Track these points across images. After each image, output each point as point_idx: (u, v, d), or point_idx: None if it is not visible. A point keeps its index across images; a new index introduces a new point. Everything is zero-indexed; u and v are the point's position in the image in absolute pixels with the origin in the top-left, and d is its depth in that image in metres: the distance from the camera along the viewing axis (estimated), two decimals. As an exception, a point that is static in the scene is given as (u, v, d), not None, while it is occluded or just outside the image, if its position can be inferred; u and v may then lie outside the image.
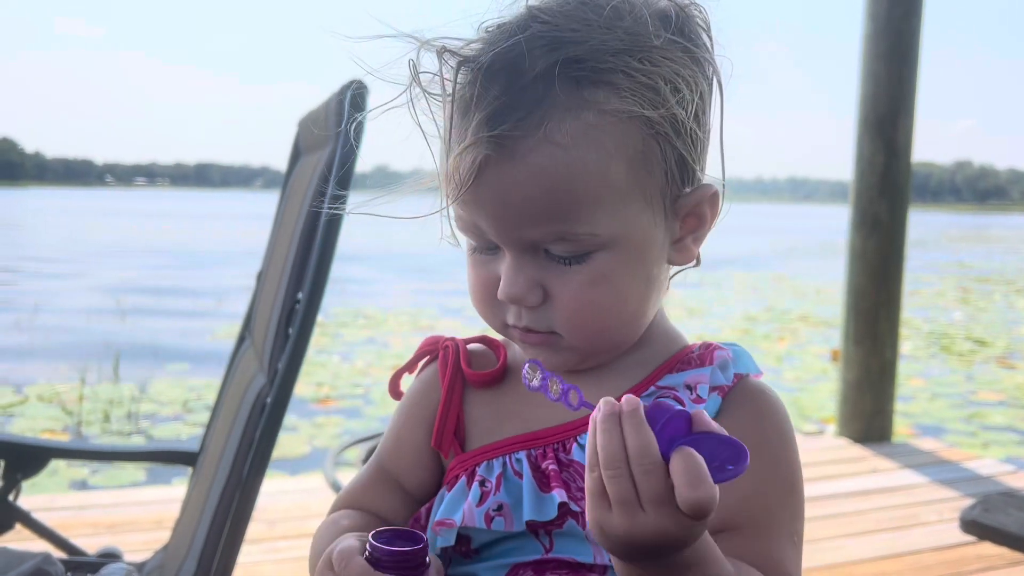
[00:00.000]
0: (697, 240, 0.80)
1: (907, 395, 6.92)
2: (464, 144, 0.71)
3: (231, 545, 1.41)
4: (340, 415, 6.13)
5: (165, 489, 4.16)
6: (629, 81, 0.71)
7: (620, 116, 0.71)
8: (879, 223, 4.60)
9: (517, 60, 0.70)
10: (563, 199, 0.71)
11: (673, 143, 0.74)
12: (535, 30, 0.71)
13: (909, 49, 4.53)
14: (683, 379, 0.80)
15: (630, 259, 0.75)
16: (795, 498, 0.80)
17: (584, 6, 0.73)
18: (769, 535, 0.77)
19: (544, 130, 0.70)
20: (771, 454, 0.78)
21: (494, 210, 0.73)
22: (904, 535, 3.41)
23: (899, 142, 4.55)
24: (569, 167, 0.71)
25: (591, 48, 0.71)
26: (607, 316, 0.76)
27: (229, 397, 1.81)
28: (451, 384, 0.86)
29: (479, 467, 0.81)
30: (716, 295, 14.66)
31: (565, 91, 0.70)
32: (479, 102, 0.71)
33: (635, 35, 0.72)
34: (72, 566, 1.91)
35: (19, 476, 1.98)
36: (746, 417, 0.79)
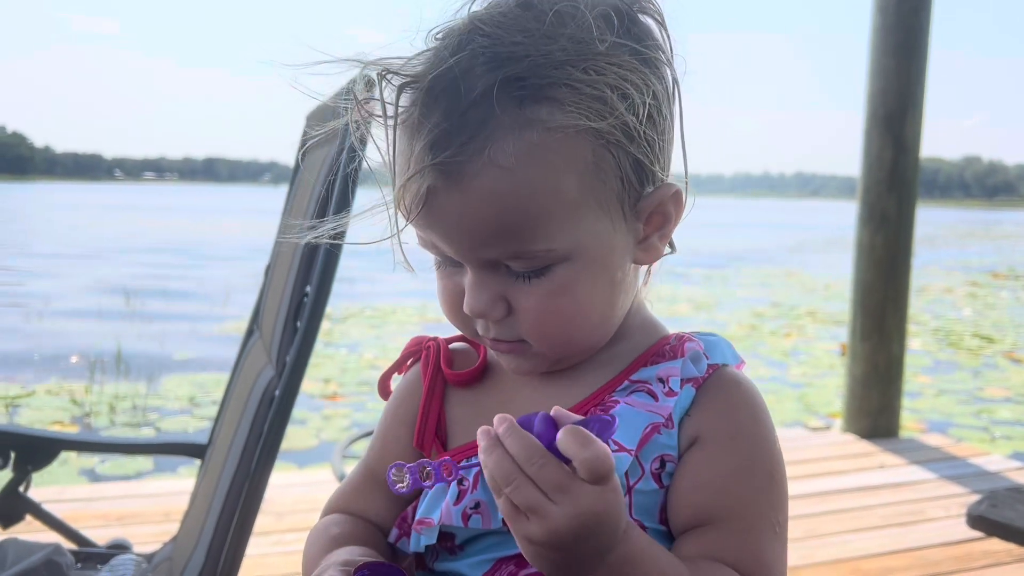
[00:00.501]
0: (663, 237, 0.79)
1: (914, 391, 6.91)
2: (409, 174, 0.70)
3: (240, 537, 1.42)
4: (348, 408, 6.15)
5: (173, 481, 4.18)
6: (573, 94, 0.69)
7: (566, 131, 0.70)
8: (887, 219, 4.59)
9: (458, 81, 0.69)
10: (515, 220, 0.70)
11: (626, 149, 0.72)
12: (476, 45, 0.70)
13: (918, 44, 4.51)
14: (655, 372, 0.79)
15: (590, 268, 0.75)
16: (775, 487, 0.79)
17: (526, 13, 0.71)
18: (747, 526, 0.76)
19: (488, 153, 0.68)
20: (746, 445, 0.78)
21: (447, 234, 0.73)
22: (911, 531, 3.41)
23: (908, 137, 4.54)
24: (517, 189, 0.69)
25: (532, 63, 0.69)
26: (572, 325, 0.76)
27: (238, 390, 1.82)
28: (431, 384, 0.87)
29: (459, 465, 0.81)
30: (723, 290, 14.64)
31: (507, 111, 0.69)
32: (421, 127, 0.69)
33: (578, 42, 0.70)
34: (82, 557, 1.93)
35: (29, 467, 2.00)
36: (719, 409, 0.78)
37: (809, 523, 3.46)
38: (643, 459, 0.76)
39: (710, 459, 0.77)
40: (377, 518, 0.88)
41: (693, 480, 0.76)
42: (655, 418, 0.76)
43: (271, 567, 2.88)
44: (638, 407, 0.77)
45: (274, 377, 1.46)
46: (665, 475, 0.77)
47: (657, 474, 0.77)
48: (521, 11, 0.71)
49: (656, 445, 0.77)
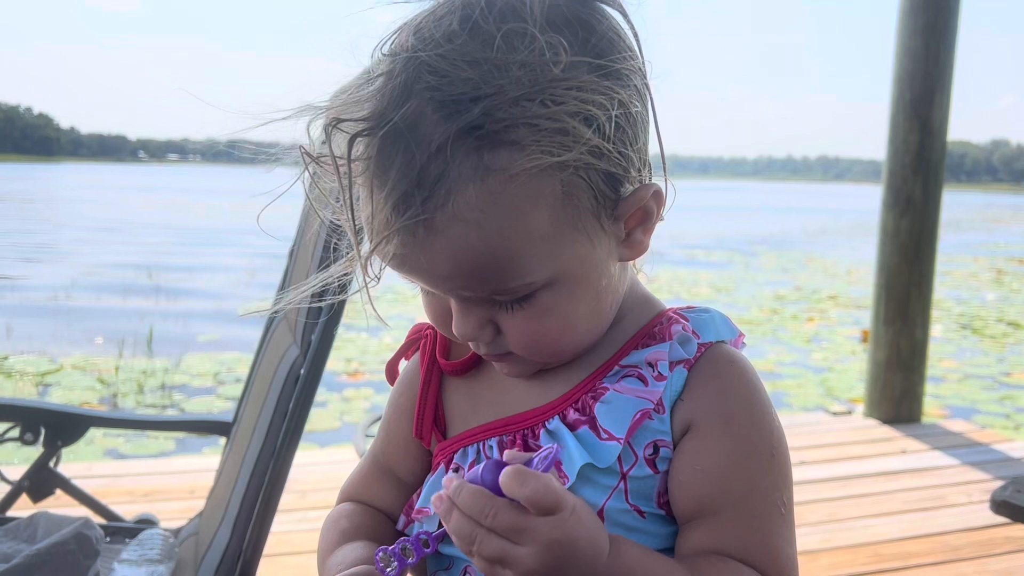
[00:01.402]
0: (647, 231, 0.77)
1: (937, 376, 6.86)
2: (376, 241, 0.68)
3: (265, 513, 1.44)
4: (369, 389, 6.20)
5: (197, 459, 4.25)
6: (533, 132, 0.65)
7: (530, 172, 0.66)
8: (912, 203, 4.54)
9: (411, 133, 0.65)
10: (487, 268, 0.69)
11: (596, 167, 0.69)
12: (425, 86, 0.66)
13: (947, 25, 4.45)
14: (644, 356, 0.78)
15: (573, 287, 0.73)
16: (776, 465, 0.77)
17: (473, 39, 0.66)
18: (751, 510, 0.75)
19: (452, 207, 0.66)
20: (741, 427, 0.76)
21: (422, 280, 0.73)
22: (932, 516, 3.40)
23: (935, 120, 4.48)
24: (485, 239, 0.67)
25: (486, 107, 0.65)
26: (560, 340, 0.76)
27: (263, 369, 1.84)
28: (428, 374, 0.87)
29: (456, 454, 0.82)
30: (745, 274, 14.56)
31: (466, 162, 0.65)
32: (381, 186, 0.67)
33: (532, 70, 0.66)
34: (110, 531, 1.96)
35: (59, 443, 2.03)
36: (711, 392, 0.77)
37: (830, 507, 3.46)
38: (635, 445, 0.76)
39: (707, 446, 0.75)
40: (385, 506, 0.90)
41: (692, 469, 0.75)
42: (644, 404, 0.76)
43: (294, 544, 2.92)
44: (627, 393, 0.76)
45: (299, 357, 1.47)
46: (659, 460, 0.76)
47: (651, 460, 0.76)
48: (467, 36, 0.67)
49: (648, 431, 0.76)
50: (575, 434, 0.76)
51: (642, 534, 0.76)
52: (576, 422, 0.77)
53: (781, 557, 0.75)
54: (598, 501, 0.75)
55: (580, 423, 0.77)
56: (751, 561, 0.74)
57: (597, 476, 0.75)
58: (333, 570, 0.80)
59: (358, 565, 0.78)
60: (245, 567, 1.45)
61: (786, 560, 0.76)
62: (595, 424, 0.76)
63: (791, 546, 0.77)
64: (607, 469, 0.75)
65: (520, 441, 0.79)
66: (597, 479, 0.76)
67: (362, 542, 0.84)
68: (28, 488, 2.04)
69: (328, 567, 0.83)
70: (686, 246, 18.70)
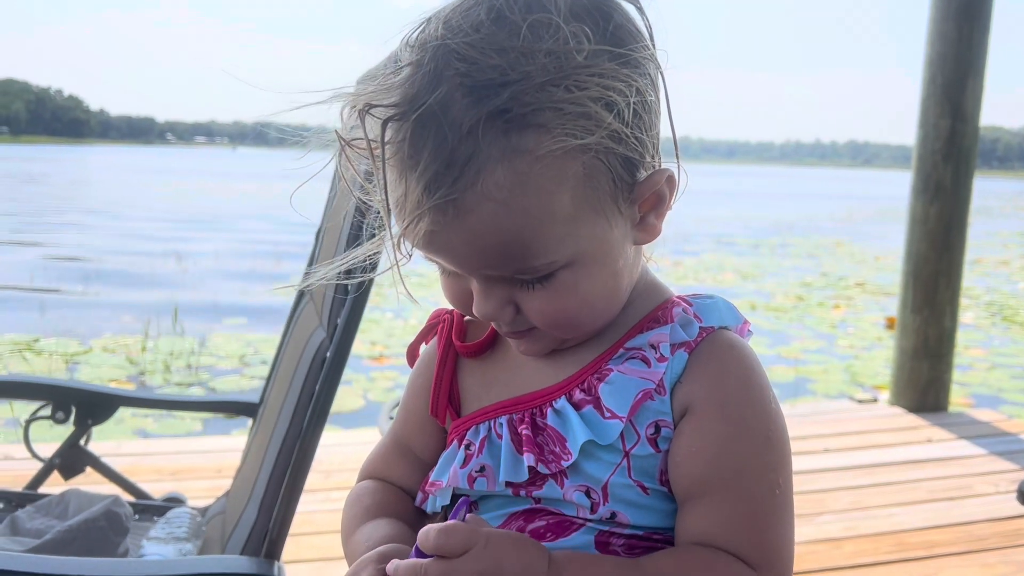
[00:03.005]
0: (660, 215, 0.80)
1: (964, 365, 6.79)
2: (407, 220, 0.72)
3: (291, 493, 1.46)
4: (393, 371, 6.24)
5: (223, 439, 4.30)
6: (558, 116, 0.69)
7: (555, 154, 0.70)
8: (942, 189, 4.48)
9: (441, 117, 0.69)
10: (512, 245, 0.72)
11: (616, 152, 0.73)
12: (453, 73, 0.69)
13: (981, 9, 4.37)
14: (648, 339, 0.81)
15: (592, 266, 0.76)
16: (772, 448, 0.79)
17: (500, 29, 0.70)
18: (742, 491, 0.77)
19: (480, 187, 0.69)
20: (736, 409, 0.78)
21: (448, 259, 0.76)
22: (958, 506, 3.37)
23: (967, 106, 4.41)
24: (511, 218, 0.71)
25: (513, 91, 0.68)
26: (580, 317, 0.79)
27: (289, 351, 1.86)
28: (444, 355, 0.91)
29: (468, 431, 0.85)
30: (771, 260, 14.46)
31: (494, 143, 0.69)
32: (412, 167, 0.70)
33: (557, 57, 0.69)
34: (139, 509, 2.00)
35: (89, 422, 2.07)
36: (709, 375, 0.79)
37: (854, 495, 3.44)
38: (637, 424, 0.78)
39: (702, 428, 0.78)
40: (403, 483, 0.93)
41: (687, 451, 0.78)
42: (646, 384, 0.78)
43: (318, 524, 2.95)
44: (630, 374, 0.79)
45: (325, 339, 1.49)
46: (661, 440, 0.79)
47: (653, 439, 0.78)
48: (494, 26, 0.70)
49: (649, 411, 0.79)
50: (580, 413, 0.79)
51: (647, 510, 0.79)
52: (581, 402, 0.80)
53: (769, 539, 0.77)
54: (602, 476, 0.78)
55: (585, 403, 0.80)
56: (734, 545, 0.76)
57: (600, 452, 0.78)
58: (359, 547, 0.84)
59: (384, 544, 0.80)
60: (271, 546, 1.47)
61: (776, 543, 0.77)
62: (599, 404, 0.79)
63: (784, 528, 0.78)
64: (610, 446, 0.78)
65: (528, 419, 0.82)
66: (600, 455, 0.78)
67: (385, 519, 0.87)
68: (59, 466, 2.08)
69: (353, 543, 0.86)
70: (712, 232, 18.60)
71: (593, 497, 0.78)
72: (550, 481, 0.79)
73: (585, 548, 0.79)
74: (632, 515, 0.78)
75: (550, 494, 0.79)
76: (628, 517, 0.78)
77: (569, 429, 0.79)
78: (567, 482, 0.78)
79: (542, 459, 0.79)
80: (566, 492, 0.78)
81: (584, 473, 0.78)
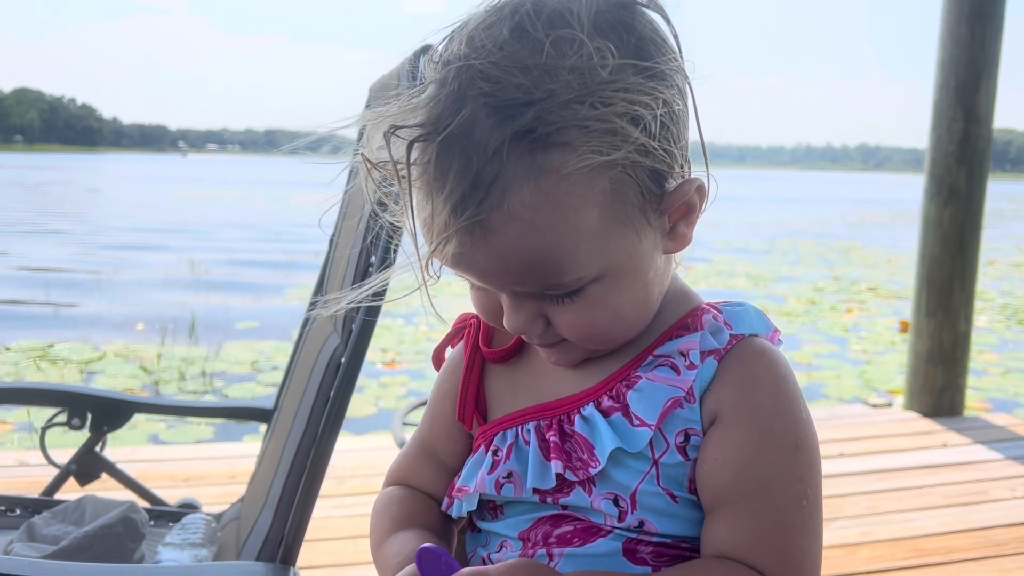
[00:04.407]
0: (690, 223, 0.79)
1: (979, 369, 6.74)
2: (435, 242, 0.72)
3: (306, 499, 1.46)
4: (405, 376, 6.24)
5: (236, 445, 4.31)
6: (584, 134, 0.69)
7: (581, 172, 0.69)
8: (956, 192, 4.46)
9: (466, 139, 0.69)
10: (540, 264, 0.72)
11: (643, 165, 0.72)
12: (478, 93, 0.69)
13: (994, 11, 4.35)
14: (677, 346, 0.80)
15: (622, 279, 0.76)
16: (800, 457, 0.78)
17: (523, 46, 0.69)
18: (768, 501, 0.76)
19: (507, 207, 0.69)
20: (766, 418, 0.77)
21: (477, 277, 0.76)
22: (974, 511, 3.35)
23: (980, 108, 4.39)
24: (539, 236, 0.70)
25: (539, 111, 0.68)
26: (609, 329, 0.78)
27: (303, 357, 1.86)
28: (471, 360, 0.91)
29: (496, 437, 0.85)
30: (783, 264, 14.41)
31: (519, 163, 0.68)
32: (439, 190, 0.70)
33: (581, 74, 0.68)
34: (155, 515, 2.01)
35: (105, 428, 2.08)
36: (738, 383, 0.78)
37: (869, 500, 3.42)
38: (667, 432, 0.78)
39: (730, 436, 0.77)
40: (430, 488, 0.93)
41: (715, 459, 0.77)
42: (676, 392, 0.78)
43: (332, 529, 2.95)
44: (660, 381, 0.79)
45: (340, 345, 1.49)
46: (690, 448, 0.78)
47: (682, 447, 0.78)
48: (517, 43, 0.69)
49: (679, 419, 0.78)
50: (608, 420, 0.79)
51: (676, 518, 0.78)
52: (610, 409, 0.79)
53: (793, 552, 0.76)
54: (631, 484, 0.78)
55: (613, 410, 0.79)
56: (756, 557, 0.75)
57: (629, 460, 0.78)
58: (390, 560, 0.84)
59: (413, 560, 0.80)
60: (287, 552, 1.47)
61: (799, 556, 0.76)
62: (628, 411, 0.78)
63: (809, 540, 0.77)
64: (638, 454, 0.78)
65: (556, 426, 0.81)
66: (629, 463, 0.78)
67: (413, 531, 0.87)
68: (75, 472, 2.08)
69: (383, 555, 0.86)
70: (723, 236, 18.55)
71: (621, 505, 0.78)
72: (577, 488, 0.79)
73: (612, 554, 0.78)
74: (660, 524, 0.78)
75: (577, 502, 0.79)
76: (656, 526, 0.78)
77: (597, 436, 0.78)
78: (595, 490, 0.78)
79: (570, 466, 0.79)
80: (593, 500, 0.78)
81: (612, 481, 0.78)
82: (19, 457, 3.65)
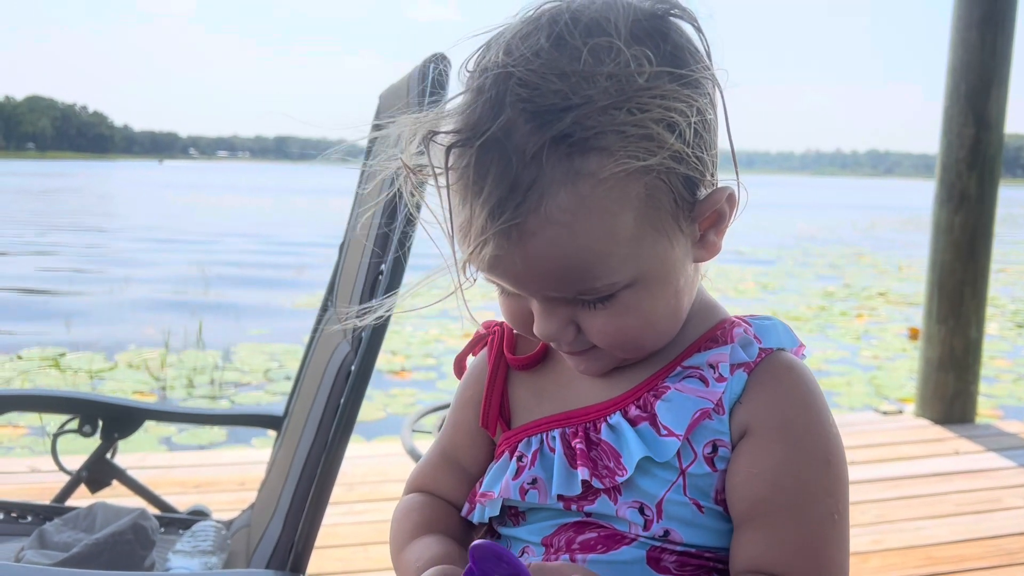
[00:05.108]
0: (720, 232, 0.80)
1: (991, 376, 6.70)
2: (472, 245, 0.72)
3: (316, 506, 1.46)
4: (414, 384, 6.24)
5: (246, 451, 4.32)
6: (621, 139, 0.69)
7: (618, 176, 0.70)
8: (967, 198, 4.44)
9: (504, 143, 0.69)
10: (575, 268, 0.72)
11: (677, 172, 0.73)
12: (515, 98, 0.70)
13: (1005, 16, 4.34)
14: (706, 358, 0.81)
15: (654, 286, 0.76)
16: (831, 473, 0.78)
17: (561, 54, 0.70)
18: (802, 515, 0.76)
19: (544, 211, 0.69)
20: (797, 432, 0.78)
21: (510, 282, 0.76)
22: (987, 519, 3.33)
23: (991, 114, 4.37)
24: (574, 240, 0.71)
25: (576, 116, 0.69)
26: (641, 336, 0.79)
27: (313, 364, 1.86)
28: (495, 367, 0.91)
29: (520, 444, 0.85)
30: (793, 270, 14.37)
31: (557, 167, 0.69)
32: (476, 194, 0.71)
33: (618, 80, 0.69)
34: (165, 522, 2.01)
35: (116, 435, 2.09)
36: (769, 396, 0.79)
37: (880, 508, 3.40)
38: (695, 443, 0.78)
39: (762, 449, 0.77)
40: (451, 495, 0.93)
41: (746, 472, 0.77)
42: (704, 403, 0.78)
43: (342, 536, 2.96)
44: (688, 392, 0.79)
45: (350, 352, 1.49)
46: (718, 459, 0.78)
47: (710, 458, 0.78)
48: (555, 51, 0.70)
49: (707, 430, 0.78)
50: (635, 429, 0.79)
51: (702, 528, 0.78)
52: (637, 418, 0.80)
53: (828, 566, 0.76)
54: (657, 493, 0.78)
55: (641, 419, 0.80)
56: (791, 571, 0.75)
57: (656, 469, 0.78)
58: (410, 566, 0.84)
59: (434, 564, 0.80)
60: (297, 560, 1.47)
61: (834, 569, 0.76)
62: (655, 421, 0.79)
63: (842, 555, 0.77)
64: (666, 463, 0.78)
65: (582, 433, 0.82)
66: (656, 472, 0.78)
67: (434, 537, 0.88)
68: (86, 479, 2.09)
69: (404, 561, 0.87)
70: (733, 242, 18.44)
71: (647, 514, 0.78)
72: (603, 496, 0.79)
73: (635, 562, 0.78)
74: (686, 533, 0.78)
75: (602, 509, 0.79)
76: (681, 535, 0.78)
77: (624, 445, 0.79)
78: (620, 498, 0.78)
79: (596, 473, 0.79)
80: (619, 508, 0.78)
81: (639, 489, 0.78)
82: (31, 463, 3.67)
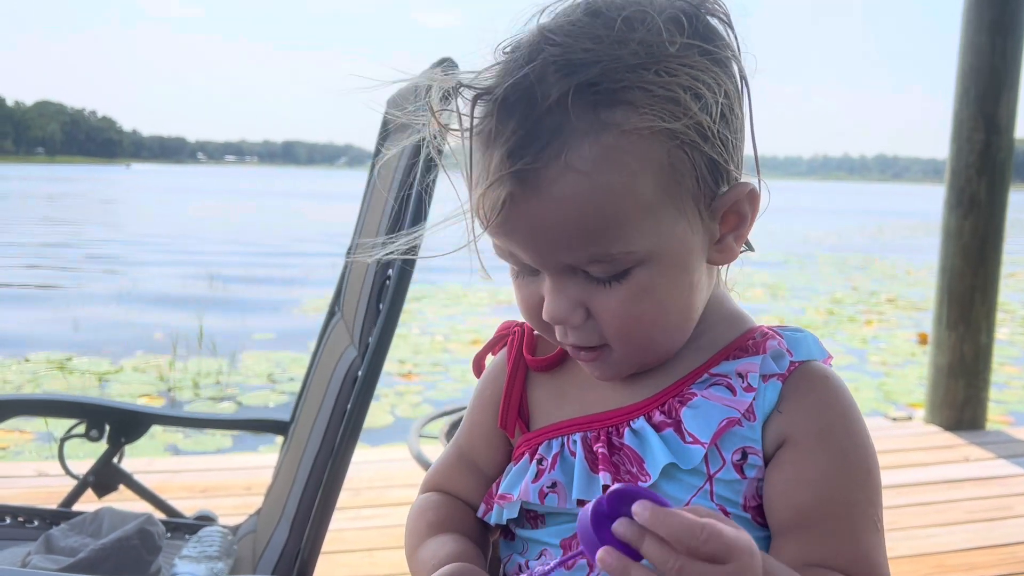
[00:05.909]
0: (739, 238, 0.79)
1: (1001, 382, 6.66)
2: (487, 183, 0.72)
3: (323, 512, 1.46)
4: (421, 387, 6.24)
5: (252, 456, 4.32)
6: (647, 96, 0.70)
7: (641, 133, 0.70)
8: (976, 203, 4.42)
9: (531, 89, 0.70)
10: (593, 224, 0.71)
11: (701, 149, 0.73)
12: (547, 54, 0.71)
13: (1016, 20, 4.32)
14: (735, 367, 0.80)
15: (670, 270, 0.75)
16: (871, 482, 0.79)
17: (595, 21, 0.72)
18: (851, 526, 0.77)
19: (565, 158, 0.69)
20: (839, 441, 0.78)
21: (525, 241, 0.74)
22: (998, 526, 3.30)
23: (1001, 118, 4.35)
24: (594, 192, 0.70)
25: (605, 68, 0.70)
26: (652, 327, 0.77)
27: (320, 369, 1.86)
28: (514, 368, 0.90)
29: (540, 446, 0.85)
30: (801, 275, 14.33)
31: (582, 116, 0.69)
32: (497, 136, 0.71)
33: (649, 46, 0.71)
34: (171, 527, 2.00)
35: (122, 440, 2.08)
36: (807, 406, 0.79)
37: (890, 515, 3.34)
38: (723, 450, 0.78)
39: (805, 458, 0.77)
40: (467, 496, 0.93)
41: (789, 479, 0.77)
42: (731, 412, 0.78)
43: (348, 542, 2.95)
44: (714, 400, 0.78)
45: (356, 358, 1.49)
46: (747, 467, 0.78)
47: (739, 465, 0.78)
48: (590, 19, 0.72)
49: (736, 437, 0.78)
50: (660, 435, 0.78)
51: None
52: (661, 424, 0.79)
53: (880, 573, 0.77)
54: (683, 498, 0.77)
55: (665, 425, 0.79)
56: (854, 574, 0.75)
57: (682, 475, 0.78)
58: (425, 564, 0.84)
59: (449, 562, 0.80)
60: (303, 567, 1.47)
61: None
62: (680, 427, 0.78)
63: (887, 563, 0.78)
64: (693, 469, 0.77)
65: (604, 437, 0.81)
66: (682, 477, 0.78)
67: (449, 535, 0.87)
68: (93, 483, 2.09)
69: (419, 560, 0.86)
70: (740, 247, 18.41)
71: None
72: None
73: None
74: None
75: None
76: None
77: (648, 450, 0.78)
78: None
79: (618, 479, 0.78)
80: None
81: (664, 494, 0.76)
82: (38, 468, 3.67)
